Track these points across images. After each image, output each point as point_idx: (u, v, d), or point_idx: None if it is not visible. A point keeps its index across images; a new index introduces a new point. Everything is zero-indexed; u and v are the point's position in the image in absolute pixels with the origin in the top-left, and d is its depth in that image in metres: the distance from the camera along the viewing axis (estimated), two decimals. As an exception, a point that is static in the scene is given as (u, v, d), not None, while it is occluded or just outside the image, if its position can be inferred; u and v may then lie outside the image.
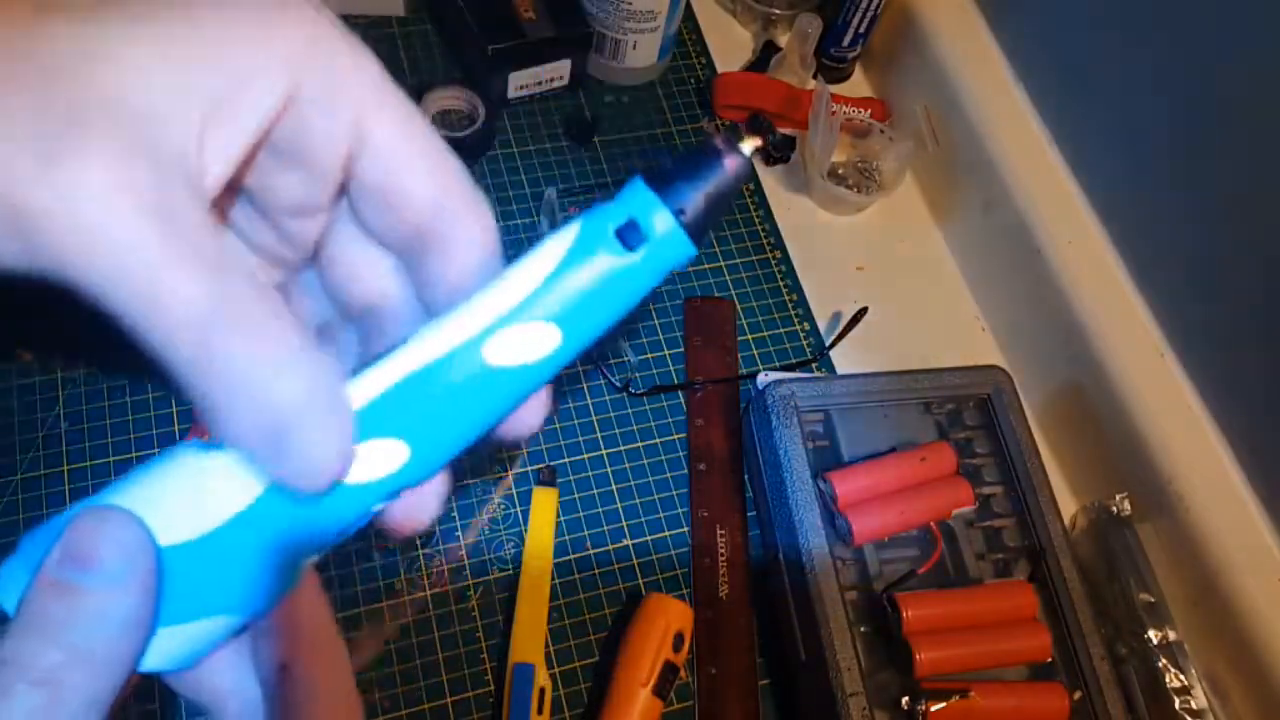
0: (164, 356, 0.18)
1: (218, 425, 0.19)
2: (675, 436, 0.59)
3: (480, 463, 0.56)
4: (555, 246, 0.22)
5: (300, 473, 0.19)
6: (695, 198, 0.21)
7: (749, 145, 0.22)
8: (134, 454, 0.52)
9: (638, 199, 0.21)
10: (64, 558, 0.19)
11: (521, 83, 0.68)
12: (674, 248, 0.22)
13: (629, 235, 0.21)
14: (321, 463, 0.19)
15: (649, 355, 0.62)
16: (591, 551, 0.54)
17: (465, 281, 0.23)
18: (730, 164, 0.21)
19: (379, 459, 0.20)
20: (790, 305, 0.65)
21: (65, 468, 0.51)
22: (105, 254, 0.17)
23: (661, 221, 0.21)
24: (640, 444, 0.58)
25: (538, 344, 0.21)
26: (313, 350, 0.19)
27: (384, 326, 0.24)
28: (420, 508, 0.23)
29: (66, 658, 0.18)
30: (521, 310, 0.21)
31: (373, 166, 0.22)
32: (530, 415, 0.23)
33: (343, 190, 0.23)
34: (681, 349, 0.62)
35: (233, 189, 0.23)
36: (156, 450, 0.53)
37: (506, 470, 0.56)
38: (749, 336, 0.63)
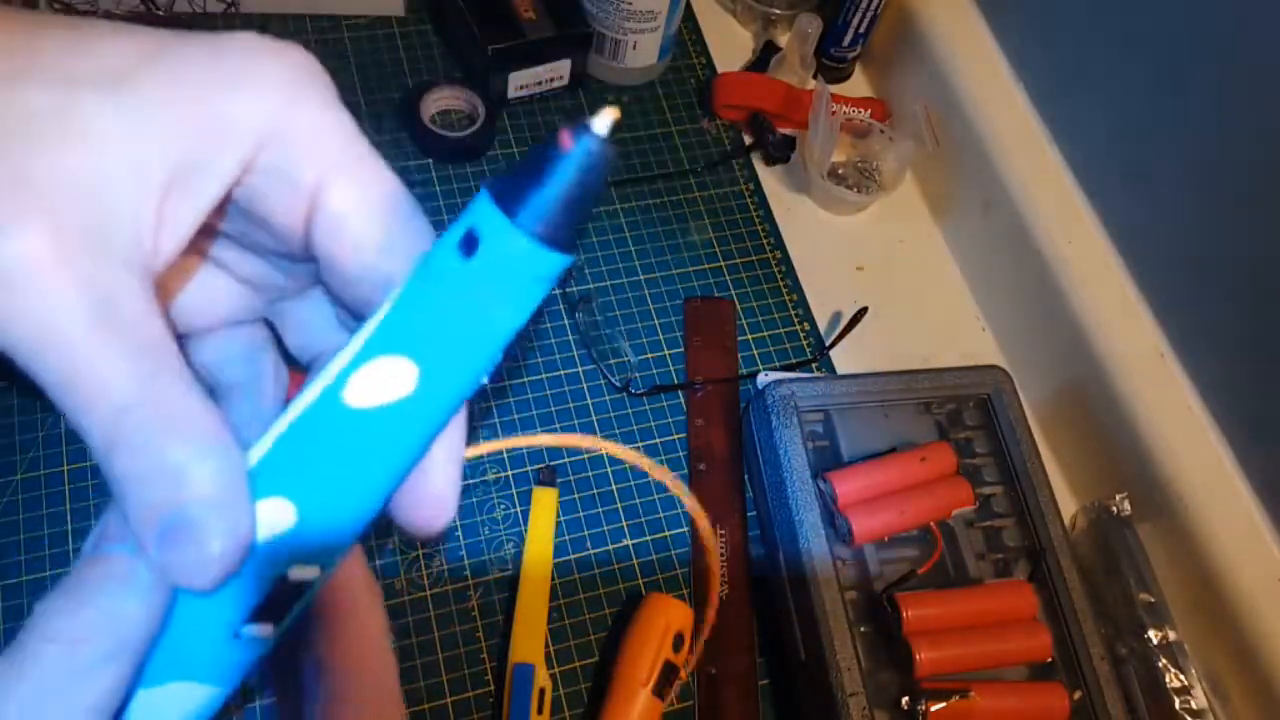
0: (80, 432, 0.18)
1: (122, 508, 0.19)
2: (675, 436, 0.59)
3: (481, 465, 0.56)
4: (406, 277, 0.20)
5: (187, 571, 0.18)
6: (543, 196, 0.19)
7: (603, 121, 0.19)
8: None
9: (478, 209, 0.19)
10: (99, 537, 0.19)
11: (521, 83, 0.68)
12: (523, 254, 0.19)
13: (465, 245, 0.19)
14: (210, 564, 0.18)
15: (649, 355, 0.62)
16: (591, 551, 0.54)
17: None
18: (576, 151, 0.18)
19: (264, 518, 0.19)
20: (790, 305, 0.65)
21: (65, 468, 0.51)
22: (29, 326, 0.17)
23: (498, 227, 0.19)
24: (640, 444, 0.58)
25: (394, 381, 0.19)
26: (227, 447, 0.19)
27: None
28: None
29: (95, 620, 0.18)
30: (372, 345, 0.19)
31: (323, 238, 0.21)
32: (433, 497, 0.22)
33: None
34: (681, 349, 0.62)
35: (210, 230, 0.23)
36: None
37: (506, 470, 0.56)
38: (749, 336, 0.63)
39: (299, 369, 0.26)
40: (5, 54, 0.18)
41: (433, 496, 0.22)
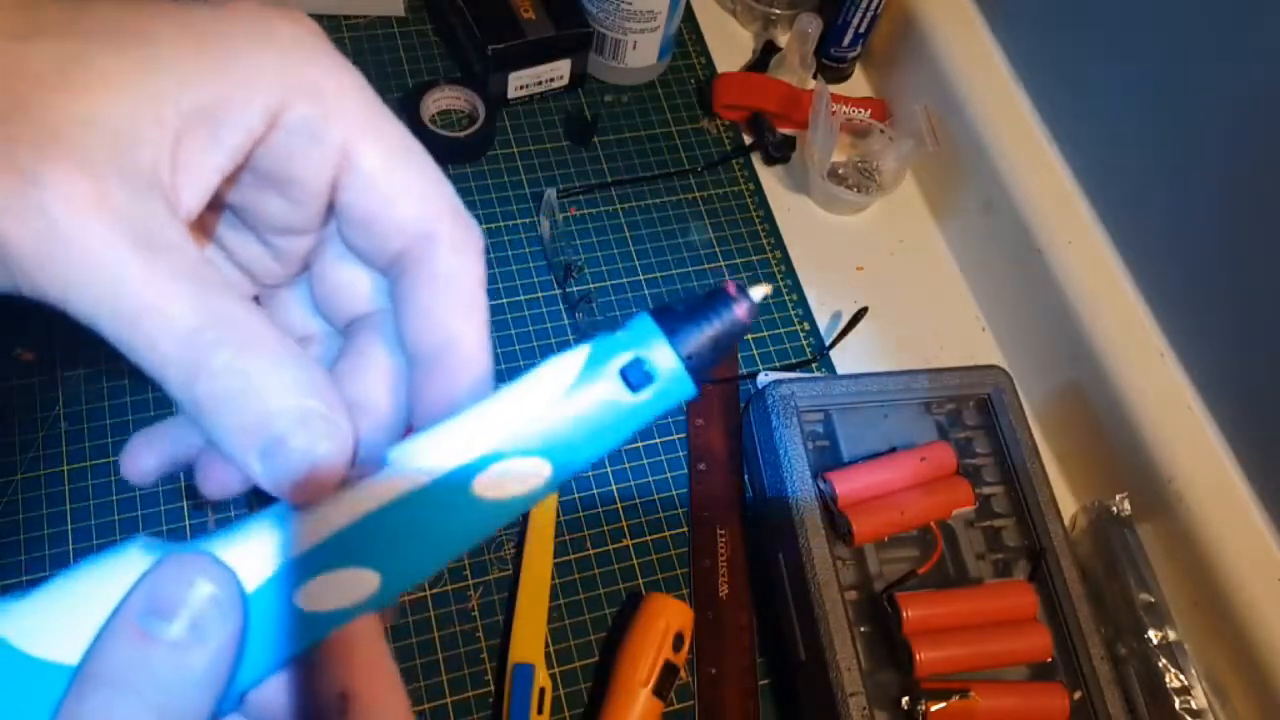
0: (154, 374, 0.18)
1: (215, 440, 0.18)
2: (675, 436, 0.59)
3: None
4: (555, 374, 0.21)
5: (299, 483, 0.18)
6: (702, 340, 0.21)
7: (759, 292, 0.22)
8: (134, 454, 0.52)
9: (645, 337, 0.21)
10: (150, 607, 0.17)
11: (521, 83, 0.68)
12: (677, 390, 0.21)
13: (633, 374, 0.21)
14: (322, 472, 0.18)
15: (649, 355, 0.61)
16: (591, 551, 0.54)
17: (444, 313, 0.22)
18: (740, 311, 0.22)
19: (347, 587, 0.19)
20: (790, 305, 0.65)
21: (65, 468, 0.51)
22: (81, 275, 0.17)
23: (667, 362, 0.21)
24: (640, 444, 0.58)
25: (529, 478, 0.20)
26: (303, 358, 0.19)
27: (370, 340, 0.24)
28: None
29: (157, 716, 0.17)
30: (519, 443, 0.20)
31: (357, 195, 0.21)
32: None
33: (330, 210, 0.23)
34: (681, 349, 0.62)
35: (217, 206, 0.23)
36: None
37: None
38: (749, 336, 0.63)
39: None
40: (18, 11, 0.18)
41: None
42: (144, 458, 0.23)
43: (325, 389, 0.19)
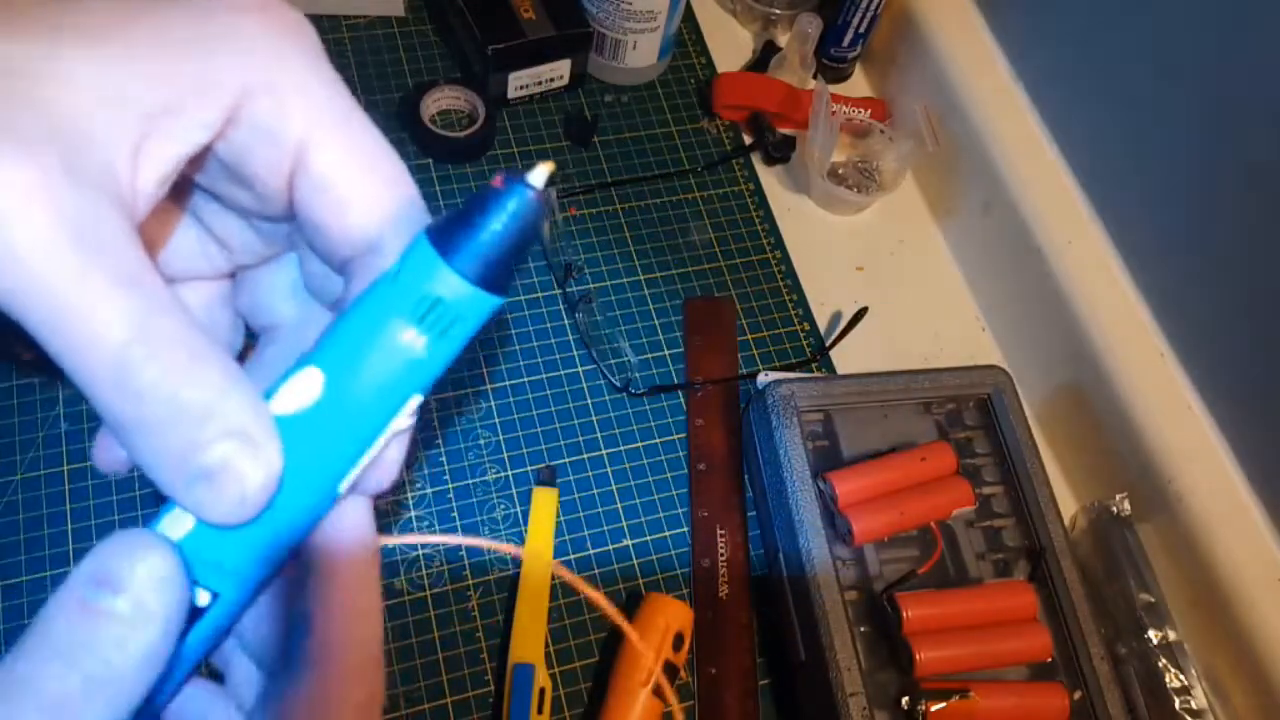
0: (78, 380, 0.17)
1: (135, 457, 0.18)
2: (675, 436, 0.59)
3: (480, 463, 0.56)
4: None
5: (224, 511, 0.18)
6: (478, 240, 0.20)
7: (539, 174, 0.20)
8: (134, 454, 0.52)
9: (416, 252, 0.20)
10: (95, 578, 0.17)
11: (521, 83, 0.68)
12: (460, 296, 0.20)
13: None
14: (249, 500, 0.18)
15: (649, 355, 0.62)
16: (591, 551, 0.54)
17: None
18: (511, 200, 0.20)
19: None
20: (790, 305, 0.65)
21: (65, 468, 0.51)
22: (14, 267, 0.16)
23: (433, 270, 0.20)
24: (640, 444, 0.58)
25: (306, 390, 0.20)
26: (236, 379, 0.18)
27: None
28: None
29: (84, 686, 0.17)
30: (301, 360, 0.20)
31: (307, 198, 0.21)
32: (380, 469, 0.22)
33: None
34: (681, 349, 0.62)
35: (185, 184, 0.23)
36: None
37: (505, 470, 0.56)
38: (749, 336, 0.63)
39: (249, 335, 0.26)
40: None
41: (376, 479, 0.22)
42: (113, 448, 0.23)
43: (255, 412, 0.18)
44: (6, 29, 0.17)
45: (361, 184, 0.21)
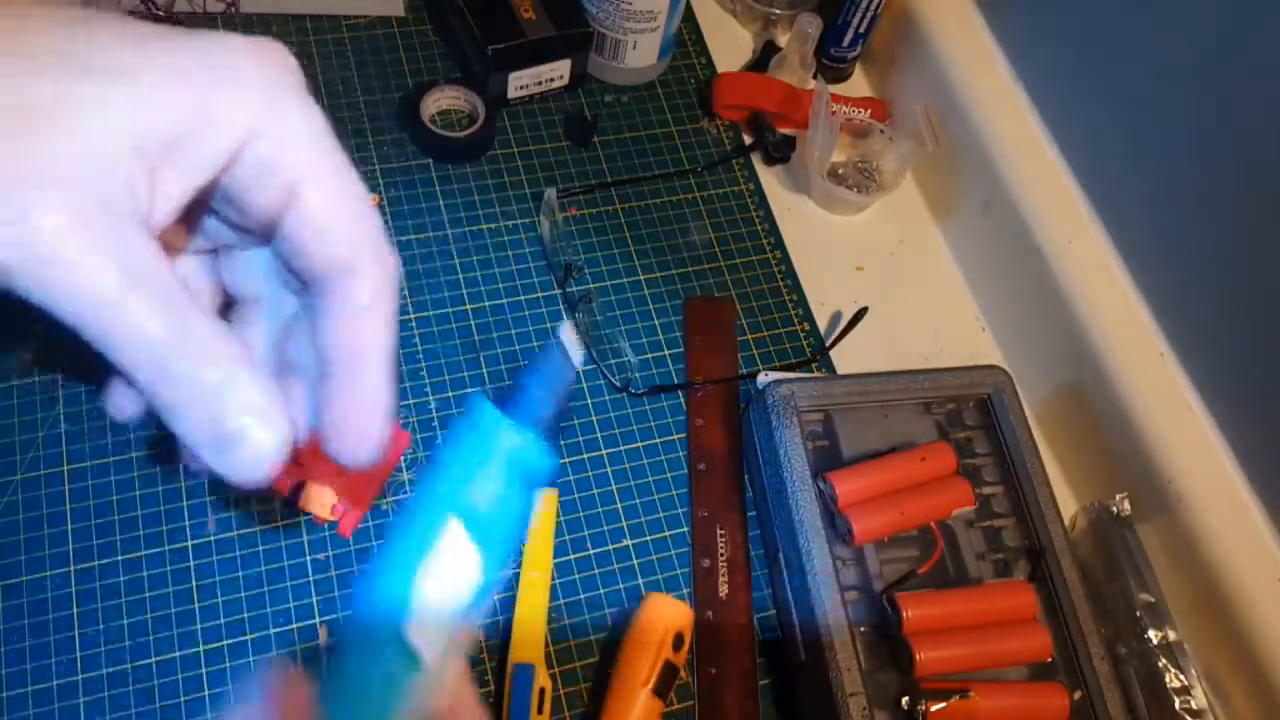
0: (129, 376, 0.21)
1: (177, 433, 0.22)
2: (675, 436, 0.59)
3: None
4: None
5: (244, 470, 0.22)
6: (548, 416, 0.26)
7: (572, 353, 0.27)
8: (133, 454, 0.52)
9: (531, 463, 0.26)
10: None
11: (521, 83, 0.68)
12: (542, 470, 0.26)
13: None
14: (264, 459, 0.22)
15: (649, 355, 0.62)
16: (591, 551, 0.54)
17: (354, 340, 0.26)
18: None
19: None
20: (790, 305, 0.65)
21: (65, 468, 0.51)
22: (66, 291, 0.20)
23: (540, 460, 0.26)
24: (640, 444, 0.58)
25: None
26: (250, 366, 0.22)
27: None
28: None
29: None
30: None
31: (296, 227, 0.24)
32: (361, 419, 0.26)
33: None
34: (681, 349, 0.62)
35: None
36: (156, 450, 0.53)
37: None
38: (749, 336, 0.63)
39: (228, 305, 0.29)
40: (12, 48, 0.20)
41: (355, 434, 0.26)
42: (125, 399, 0.27)
43: (267, 391, 0.22)
44: (25, 63, 0.20)
45: (341, 219, 0.25)
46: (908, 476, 0.53)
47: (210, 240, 0.28)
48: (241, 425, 0.22)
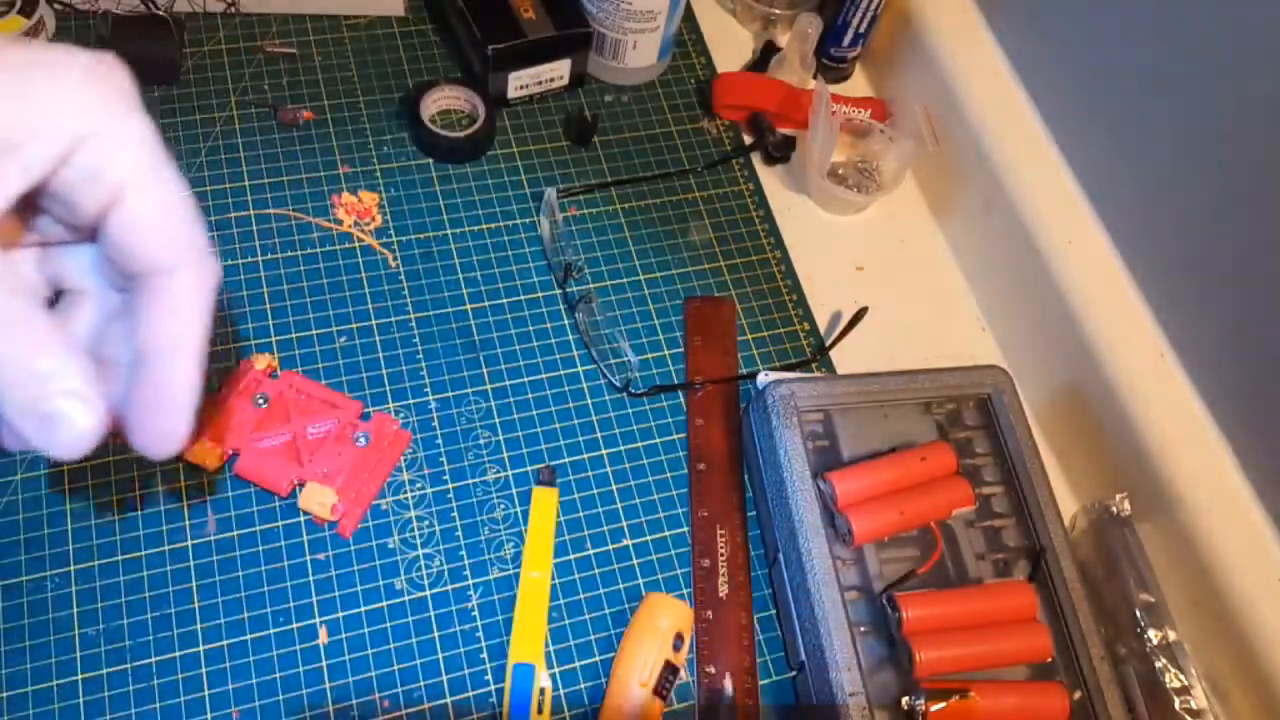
0: None
1: (3, 410, 0.24)
2: (675, 436, 0.59)
3: (480, 463, 0.56)
4: None
5: (63, 447, 0.25)
6: None
7: None
8: (133, 454, 0.52)
9: None
10: None
11: (521, 83, 0.68)
12: None
13: None
14: (82, 438, 0.25)
15: (649, 355, 0.62)
16: (591, 551, 0.54)
17: (168, 333, 0.28)
18: None
19: None
20: (790, 305, 0.65)
21: (65, 467, 0.51)
22: None
23: None
24: (640, 444, 0.58)
25: None
26: (69, 349, 0.24)
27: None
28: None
29: None
30: None
31: (119, 228, 0.27)
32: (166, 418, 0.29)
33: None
34: (681, 349, 0.62)
35: None
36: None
37: (505, 470, 0.56)
38: (749, 336, 0.63)
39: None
40: None
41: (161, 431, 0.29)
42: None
43: (87, 376, 0.25)
44: None
45: (164, 224, 0.27)
46: (908, 476, 0.53)
47: (42, 235, 0.30)
48: (62, 406, 0.24)
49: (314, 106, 0.66)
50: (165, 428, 0.28)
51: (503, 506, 0.55)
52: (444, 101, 0.67)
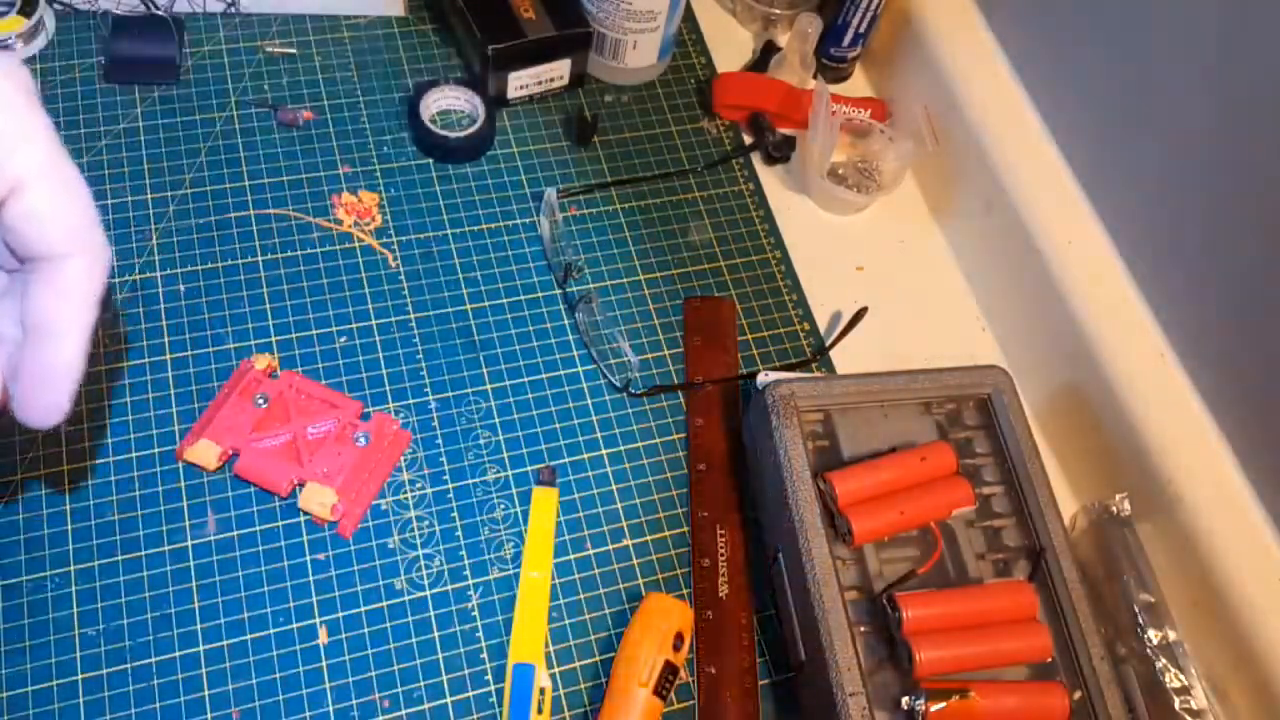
0: None
1: None
2: (675, 436, 0.59)
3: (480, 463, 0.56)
4: None
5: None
6: None
7: None
8: (133, 454, 0.52)
9: None
10: None
11: (521, 83, 0.68)
12: None
13: None
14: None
15: (649, 355, 0.62)
16: (591, 551, 0.54)
17: (56, 314, 0.30)
18: None
19: None
20: (790, 305, 0.65)
21: (65, 468, 0.51)
22: None
23: None
24: (640, 444, 0.58)
25: None
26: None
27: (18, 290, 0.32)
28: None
29: None
30: None
31: (16, 216, 0.28)
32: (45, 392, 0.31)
33: None
34: (681, 349, 0.62)
35: None
36: (156, 451, 0.53)
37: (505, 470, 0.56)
38: (749, 336, 0.63)
39: None
40: None
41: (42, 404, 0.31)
42: None
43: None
44: None
45: (60, 215, 0.29)
46: (908, 476, 0.53)
47: None
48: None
49: (314, 106, 0.66)
50: (48, 402, 0.31)
51: (503, 506, 0.55)
52: (444, 101, 0.67)
